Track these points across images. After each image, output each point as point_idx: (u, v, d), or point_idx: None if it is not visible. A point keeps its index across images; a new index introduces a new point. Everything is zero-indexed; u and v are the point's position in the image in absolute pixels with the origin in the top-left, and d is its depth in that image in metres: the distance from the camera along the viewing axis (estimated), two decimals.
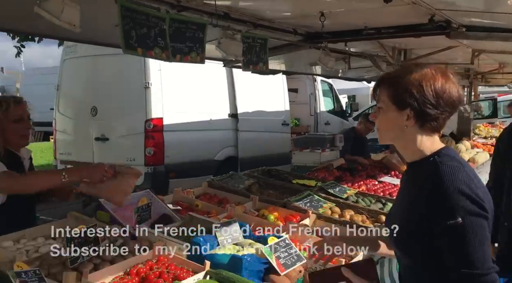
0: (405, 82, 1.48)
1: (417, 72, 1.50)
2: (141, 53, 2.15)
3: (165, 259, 2.26)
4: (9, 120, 2.46)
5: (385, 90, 1.54)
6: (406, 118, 1.49)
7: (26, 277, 1.75)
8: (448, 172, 1.42)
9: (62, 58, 7.23)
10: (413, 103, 1.47)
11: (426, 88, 1.46)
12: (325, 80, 10.81)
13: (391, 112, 1.52)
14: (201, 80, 6.98)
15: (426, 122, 1.50)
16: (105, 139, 6.60)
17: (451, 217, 1.36)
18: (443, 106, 1.48)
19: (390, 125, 1.55)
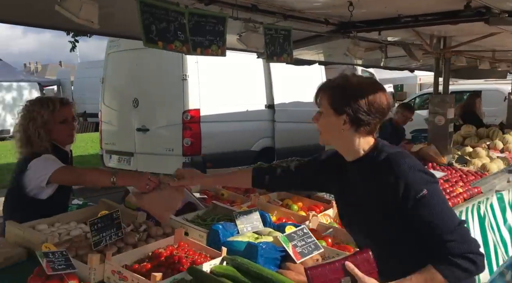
0: (342, 91, 1.68)
1: (352, 82, 1.69)
2: (162, 47, 2.24)
3: (185, 245, 2.36)
4: (55, 121, 2.65)
5: (325, 97, 1.71)
6: (343, 123, 1.67)
7: (53, 257, 1.91)
8: (398, 159, 1.63)
9: (107, 52, 7.57)
10: (348, 111, 1.65)
11: (360, 98, 1.64)
12: (366, 70, 10.57)
13: (330, 117, 1.70)
14: (238, 71, 7.08)
15: (360, 127, 1.68)
16: (145, 130, 6.86)
17: (418, 192, 1.56)
18: (374, 113, 1.66)
19: (329, 128, 1.73)
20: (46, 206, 2.58)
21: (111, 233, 2.13)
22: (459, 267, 1.49)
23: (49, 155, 2.58)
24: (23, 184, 2.55)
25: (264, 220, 2.68)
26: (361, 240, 1.88)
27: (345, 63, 8.82)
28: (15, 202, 2.65)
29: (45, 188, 2.55)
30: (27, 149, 2.61)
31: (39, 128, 2.59)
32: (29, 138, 2.59)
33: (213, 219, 2.67)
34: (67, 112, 2.73)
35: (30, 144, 2.59)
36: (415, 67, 9.31)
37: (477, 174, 4.86)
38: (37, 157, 2.55)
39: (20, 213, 2.51)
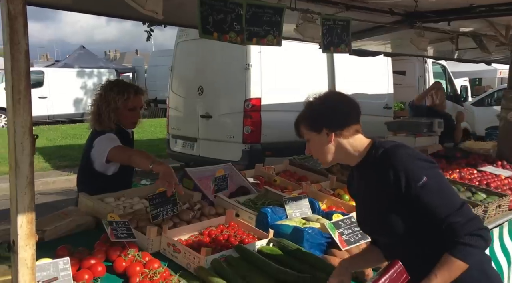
0: (311, 114, 1.81)
1: (315, 103, 1.81)
2: (216, 38, 2.36)
3: (235, 225, 2.50)
4: (126, 108, 2.90)
5: (303, 126, 1.83)
6: (327, 136, 1.77)
7: (117, 226, 2.13)
8: (394, 150, 1.68)
9: (176, 41, 7.92)
10: (323, 124, 1.76)
11: (325, 111, 1.78)
12: (437, 62, 10.07)
13: (315, 139, 1.80)
14: (301, 61, 7.09)
15: (342, 131, 1.77)
16: (208, 117, 7.13)
17: (418, 180, 1.60)
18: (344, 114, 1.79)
19: (320, 148, 1.81)
20: (112, 182, 2.85)
21: (167, 209, 2.32)
22: (471, 245, 1.55)
23: (112, 135, 2.83)
24: (91, 160, 2.83)
25: (313, 207, 2.74)
26: (378, 239, 1.94)
27: (414, 54, 8.50)
28: (86, 176, 2.94)
29: (109, 165, 2.82)
30: (96, 125, 2.88)
31: (111, 112, 2.85)
32: (100, 116, 2.86)
33: (263, 203, 2.79)
34: (138, 102, 2.97)
35: (99, 121, 2.86)
36: (494, 59, 8.72)
37: None
38: (101, 135, 2.81)
39: (89, 187, 2.80)
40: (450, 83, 10.63)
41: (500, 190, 3.70)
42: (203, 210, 2.60)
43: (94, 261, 2.00)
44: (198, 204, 2.64)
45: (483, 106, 12.83)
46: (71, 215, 2.47)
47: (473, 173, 4.25)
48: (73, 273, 1.86)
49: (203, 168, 3.11)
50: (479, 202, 3.22)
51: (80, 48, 22.07)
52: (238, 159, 6.51)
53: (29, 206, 1.19)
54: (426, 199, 1.60)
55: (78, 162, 3.39)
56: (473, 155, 5.07)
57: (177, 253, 2.21)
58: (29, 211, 1.19)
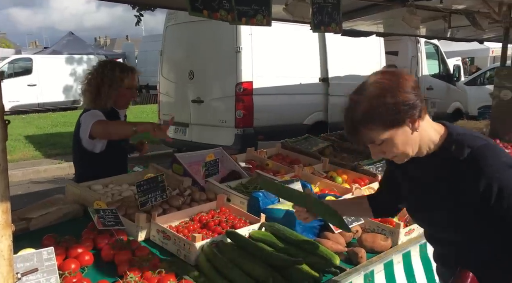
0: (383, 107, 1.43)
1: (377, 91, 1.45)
2: (207, 15, 2.28)
3: (227, 210, 2.46)
4: (124, 86, 2.92)
5: (372, 128, 1.46)
6: (411, 126, 1.48)
7: (104, 214, 2.07)
8: (487, 156, 1.46)
9: (165, 25, 7.76)
10: (406, 112, 1.44)
11: (400, 93, 1.44)
12: (430, 41, 9.98)
13: (395, 136, 1.47)
14: (292, 44, 6.99)
15: (421, 114, 1.48)
16: (200, 101, 7.04)
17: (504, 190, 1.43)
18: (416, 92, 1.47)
19: (405, 144, 1.50)
20: (102, 160, 2.87)
21: (156, 195, 2.26)
22: None
23: (97, 111, 2.82)
24: (79, 138, 2.83)
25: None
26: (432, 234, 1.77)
27: (406, 34, 8.41)
28: (77, 155, 2.96)
29: (95, 142, 2.83)
30: (91, 104, 2.87)
31: (113, 91, 2.86)
32: (99, 96, 2.85)
33: (255, 187, 2.74)
34: (134, 80, 3.00)
35: (95, 101, 2.86)
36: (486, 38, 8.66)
37: None
38: (87, 112, 2.84)
39: (82, 167, 2.91)
40: (443, 63, 10.57)
41: None
42: (193, 195, 2.55)
43: (81, 250, 1.95)
44: (188, 190, 2.59)
45: (476, 86, 12.81)
46: (57, 204, 2.41)
47: None
48: (59, 263, 1.81)
49: (193, 153, 3.05)
50: None
51: (69, 35, 21.68)
52: (230, 144, 6.45)
53: (3, 194, 1.13)
54: (508, 204, 1.43)
55: (69, 149, 3.35)
56: None
57: (167, 240, 2.17)
58: (4, 200, 1.13)
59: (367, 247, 2.29)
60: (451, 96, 10.46)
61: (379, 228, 2.45)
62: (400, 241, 2.39)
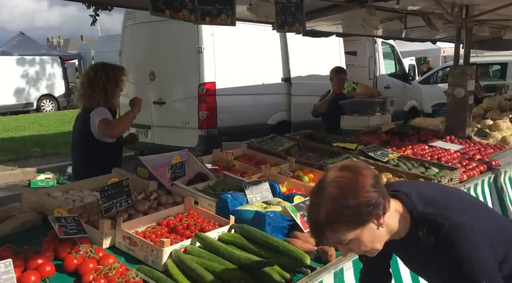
0: (346, 209, 1.39)
1: (335, 192, 1.40)
2: (169, 15, 2.22)
3: (195, 213, 2.41)
4: (118, 85, 3.24)
5: (336, 229, 1.41)
6: (376, 223, 1.44)
7: (65, 222, 1.97)
8: (459, 242, 1.43)
9: (123, 25, 7.56)
10: (371, 211, 1.41)
11: (364, 192, 1.40)
12: (386, 42, 10.28)
13: (361, 234, 1.44)
14: (254, 44, 7.00)
15: (384, 209, 1.45)
16: (162, 103, 6.91)
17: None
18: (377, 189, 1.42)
19: (372, 240, 1.48)
20: (111, 150, 3.23)
21: (121, 200, 2.18)
22: None
23: (104, 108, 3.16)
24: (90, 132, 3.12)
25: (273, 190, 2.70)
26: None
27: (364, 35, 8.62)
28: (84, 150, 3.21)
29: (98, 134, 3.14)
30: (88, 101, 3.16)
31: (119, 91, 3.24)
32: (93, 93, 3.13)
33: (223, 189, 2.71)
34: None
35: (91, 98, 3.14)
36: (439, 38, 9.02)
37: (496, 147, 4.76)
38: (95, 109, 3.14)
39: (87, 160, 3.18)
40: (399, 63, 10.92)
41: (450, 163, 3.83)
42: (159, 199, 2.49)
43: (42, 261, 1.84)
44: (154, 193, 2.52)
45: (429, 84, 13.34)
46: (13, 212, 2.28)
47: (424, 148, 4.38)
48: (18, 275, 1.70)
49: (157, 156, 2.98)
50: (433, 176, 3.31)
51: (19, 35, 20.65)
52: (194, 145, 6.37)
53: None
54: None
55: (22, 154, 3.28)
56: (423, 131, 5.23)
57: (133, 246, 2.10)
58: None
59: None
60: (407, 95, 10.82)
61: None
62: None
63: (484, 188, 3.88)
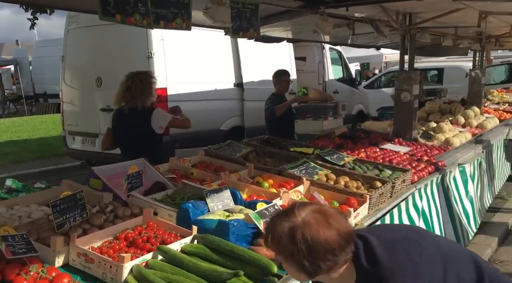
0: (283, 250, 1.40)
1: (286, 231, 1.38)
2: (120, 20, 2.11)
3: (154, 225, 2.31)
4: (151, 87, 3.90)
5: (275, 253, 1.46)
6: (307, 277, 1.43)
7: (13, 241, 1.81)
8: None
9: (66, 28, 7.20)
10: (300, 269, 1.39)
11: (302, 253, 1.36)
12: (334, 48, 10.57)
13: (292, 271, 1.45)
14: (205, 49, 6.91)
15: (328, 272, 1.41)
16: (110, 110, 6.61)
17: None
18: (331, 257, 1.37)
19: (292, 273, 1.49)
20: (160, 139, 3.94)
21: (75, 215, 2.04)
22: None
23: (161, 109, 3.93)
24: (151, 127, 3.74)
25: (235, 198, 2.65)
26: None
27: (313, 40, 8.80)
28: (148, 138, 3.77)
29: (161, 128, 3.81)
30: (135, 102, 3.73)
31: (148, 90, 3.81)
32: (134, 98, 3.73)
33: (182, 198, 2.62)
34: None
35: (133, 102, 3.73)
36: (382, 45, 9.41)
37: (441, 148, 5.01)
38: (156, 108, 3.84)
39: (153, 145, 3.79)
40: (346, 68, 11.25)
41: (401, 165, 3.97)
42: (116, 211, 2.35)
43: None
44: (110, 206, 2.38)
45: (374, 89, 13.87)
46: None
47: (376, 151, 4.51)
48: None
49: (111, 166, 2.83)
50: (387, 178, 3.41)
51: None
52: None
53: None
54: None
55: None
56: (373, 134, 5.41)
57: (90, 263, 1.97)
58: None
59: None
60: (354, 99, 11.17)
61: None
62: None
63: (432, 188, 4.05)
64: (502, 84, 12.60)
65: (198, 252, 2.10)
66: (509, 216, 5.76)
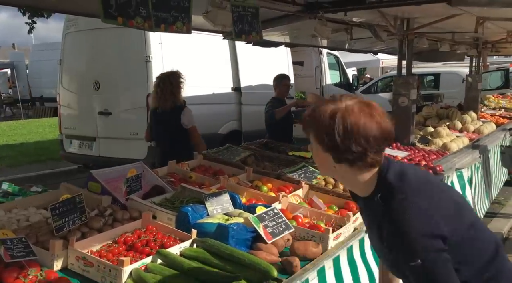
0: (319, 127, 1.39)
1: (330, 113, 1.38)
2: (122, 23, 2.11)
3: (154, 228, 2.30)
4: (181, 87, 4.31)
5: (310, 130, 1.45)
6: (332, 160, 1.42)
7: (12, 244, 1.80)
8: (399, 215, 1.35)
9: (64, 32, 7.19)
10: (332, 148, 1.38)
11: (336, 133, 1.35)
12: (331, 52, 10.62)
13: (319, 152, 1.44)
14: (204, 53, 6.92)
15: (353, 164, 1.40)
16: (108, 113, 6.62)
17: (411, 259, 1.32)
18: (362, 148, 1.36)
19: (322, 164, 1.48)
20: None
21: (74, 218, 2.03)
22: None
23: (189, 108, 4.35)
24: (180, 121, 4.19)
25: (234, 202, 2.64)
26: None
27: (311, 45, 8.84)
28: (179, 132, 4.21)
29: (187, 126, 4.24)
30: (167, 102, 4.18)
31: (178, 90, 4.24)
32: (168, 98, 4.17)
33: (181, 201, 2.61)
34: None
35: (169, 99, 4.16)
36: (379, 50, 9.45)
37: (438, 153, 5.02)
38: (185, 108, 4.29)
39: (182, 138, 4.20)
40: (343, 73, 11.30)
41: None
42: (115, 215, 2.34)
43: None
44: (109, 209, 2.37)
45: (371, 94, 13.92)
46: None
47: None
48: None
49: (110, 169, 2.82)
50: None
51: None
52: (143, 157, 6.14)
53: None
54: (415, 280, 1.36)
55: None
56: None
57: (89, 267, 1.95)
58: None
59: (299, 255, 2.29)
60: None
61: (309, 235, 2.47)
62: (329, 246, 2.43)
63: None
64: (498, 90, 12.68)
65: (197, 256, 2.09)
66: (506, 222, 5.77)
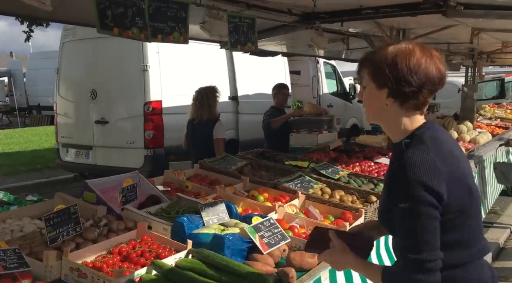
0: (380, 60, 1.49)
1: (393, 48, 1.49)
2: (118, 33, 2.11)
3: (149, 239, 2.28)
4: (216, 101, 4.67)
5: (366, 69, 1.55)
6: (386, 96, 1.50)
7: (5, 255, 1.78)
8: (410, 158, 1.41)
9: (61, 41, 7.21)
10: (387, 82, 1.47)
11: (400, 65, 1.45)
12: (328, 62, 10.66)
13: (372, 91, 1.53)
14: (201, 62, 6.95)
15: (406, 101, 1.49)
16: (105, 122, 6.61)
17: (402, 201, 1.40)
18: (420, 84, 1.45)
19: (372, 104, 1.56)
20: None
21: (68, 228, 2.01)
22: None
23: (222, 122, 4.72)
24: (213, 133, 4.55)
25: (230, 212, 2.63)
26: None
27: (307, 54, 8.88)
28: (211, 142, 4.55)
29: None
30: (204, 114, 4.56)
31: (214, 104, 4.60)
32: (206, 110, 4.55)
33: (177, 211, 2.60)
34: None
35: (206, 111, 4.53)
36: None
37: None
38: (219, 121, 4.67)
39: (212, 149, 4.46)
40: (340, 82, 11.34)
41: None
42: (110, 225, 2.33)
43: None
44: (104, 219, 2.36)
45: None
46: None
47: (370, 165, 4.52)
48: None
49: (105, 179, 2.80)
50: None
51: None
52: (140, 166, 6.13)
53: None
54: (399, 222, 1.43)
55: None
56: (368, 148, 5.42)
57: (82, 279, 1.93)
58: None
59: (296, 266, 2.27)
60: (348, 113, 11.24)
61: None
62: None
63: None
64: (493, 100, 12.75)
65: (193, 267, 2.07)
66: (502, 232, 5.77)
